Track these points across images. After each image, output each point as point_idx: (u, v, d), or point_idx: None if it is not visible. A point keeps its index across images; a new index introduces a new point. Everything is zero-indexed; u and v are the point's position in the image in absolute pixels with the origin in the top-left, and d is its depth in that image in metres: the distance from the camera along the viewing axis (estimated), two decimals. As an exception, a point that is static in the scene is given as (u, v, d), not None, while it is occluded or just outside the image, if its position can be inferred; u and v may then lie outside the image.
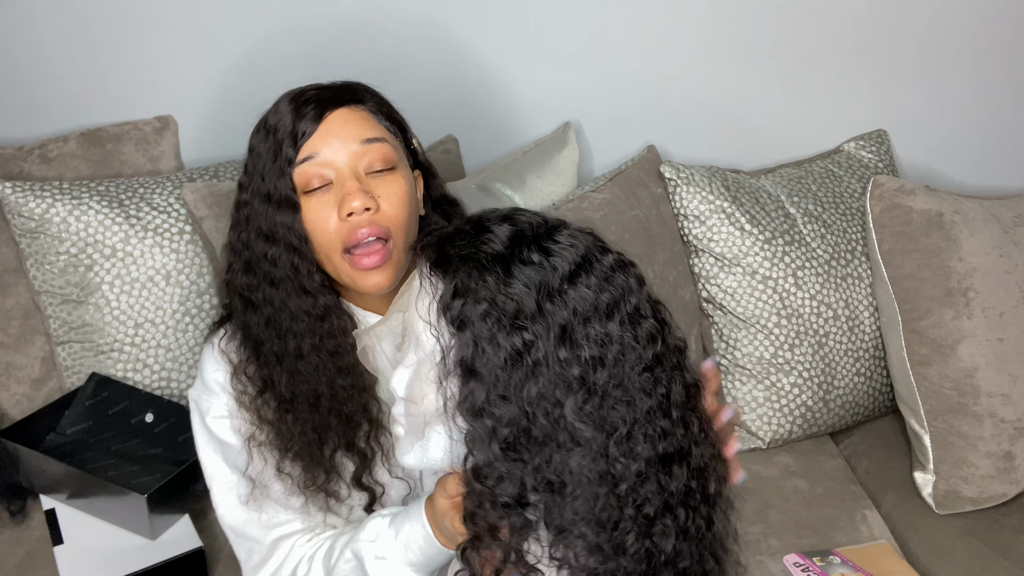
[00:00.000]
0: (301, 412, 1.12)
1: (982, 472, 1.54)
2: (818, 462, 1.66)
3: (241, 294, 1.14)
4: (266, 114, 1.14)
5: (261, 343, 1.13)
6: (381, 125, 1.13)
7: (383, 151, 1.10)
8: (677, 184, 1.69)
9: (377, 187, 1.10)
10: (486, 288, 0.84)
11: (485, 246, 0.86)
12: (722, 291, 1.67)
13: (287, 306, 1.11)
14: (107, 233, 1.50)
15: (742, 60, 1.83)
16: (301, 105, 1.10)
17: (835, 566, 1.39)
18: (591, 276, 0.85)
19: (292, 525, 1.17)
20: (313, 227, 1.09)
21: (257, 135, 1.14)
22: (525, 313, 0.83)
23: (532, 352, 0.83)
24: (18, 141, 1.65)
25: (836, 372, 1.67)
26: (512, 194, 1.68)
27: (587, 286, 0.85)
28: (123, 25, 1.63)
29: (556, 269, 0.85)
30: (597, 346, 0.84)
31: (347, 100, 1.11)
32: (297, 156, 1.08)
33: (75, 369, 1.52)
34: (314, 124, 1.09)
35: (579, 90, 1.82)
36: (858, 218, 1.74)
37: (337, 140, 1.09)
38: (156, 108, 1.70)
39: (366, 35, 1.69)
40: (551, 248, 0.86)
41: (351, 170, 1.09)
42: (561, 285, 0.84)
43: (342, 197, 1.08)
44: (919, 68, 1.89)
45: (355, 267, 1.10)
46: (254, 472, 1.14)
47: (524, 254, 0.85)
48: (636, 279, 0.89)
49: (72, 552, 1.34)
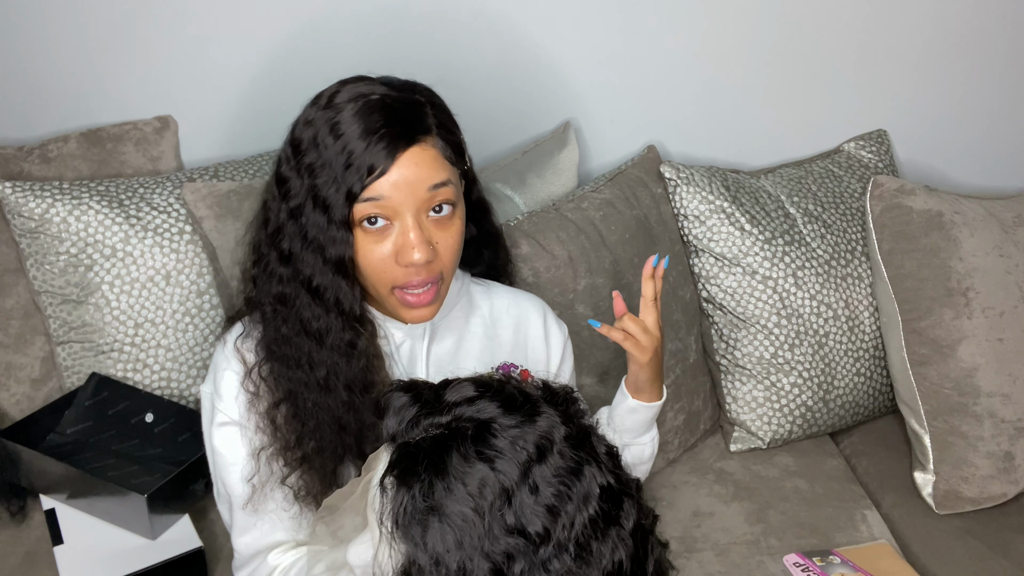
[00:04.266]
0: (324, 439, 1.12)
1: (982, 472, 1.54)
2: (818, 462, 1.67)
3: (272, 303, 1.12)
4: (323, 116, 1.07)
5: (287, 360, 1.12)
6: (447, 163, 1.08)
7: (447, 195, 1.07)
8: (677, 184, 1.69)
9: (435, 233, 1.08)
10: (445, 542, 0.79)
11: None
12: (722, 291, 1.67)
13: (323, 340, 1.10)
14: (107, 233, 1.50)
15: (742, 60, 1.83)
16: (370, 135, 1.04)
17: (835, 566, 1.39)
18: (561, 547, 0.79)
19: (274, 536, 1.17)
20: (367, 264, 1.08)
21: (308, 132, 1.07)
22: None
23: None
24: (18, 141, 1.65)
25: (836, 372, 1.67)
26: (512, 194, 1.68)
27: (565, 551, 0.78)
28: (123, 25, 1.63)
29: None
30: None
31: (418, 131, 1.06)
32: (363, 193, 1.04)
33: (75, 369, 1.52)
34: (386, 162, 1.03)
35: (579, 90, 1.82)
36: (858, 218, 1.74)
37: (407, 186, 1.04)
38: (156, 108, 1.70)
39: (364, 36, 1.69)
40: (522, 504, 0.79)
41: (415, 217, 1.06)
42: (529, 553, 0.78)
43: (402, 245, 1.06)
44: (919, 68, 1.89)
45: (403, 303, 1.09)
46: (258, 481, 1.14)
47: (499, 512, 0.78)
48: (616, 536, 0.81)
49: (72, 552, 1.33)
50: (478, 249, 1.29)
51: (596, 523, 0.80)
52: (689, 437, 1.67)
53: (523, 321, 1.28)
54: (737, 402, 1.67)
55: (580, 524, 0.80)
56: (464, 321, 1.23)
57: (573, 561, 0.79)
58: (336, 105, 1.07)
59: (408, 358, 1.19)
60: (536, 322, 1.28)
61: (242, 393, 1.15)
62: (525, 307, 1.29)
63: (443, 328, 1.22)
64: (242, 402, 1.15)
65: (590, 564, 0.80)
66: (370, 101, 1.06)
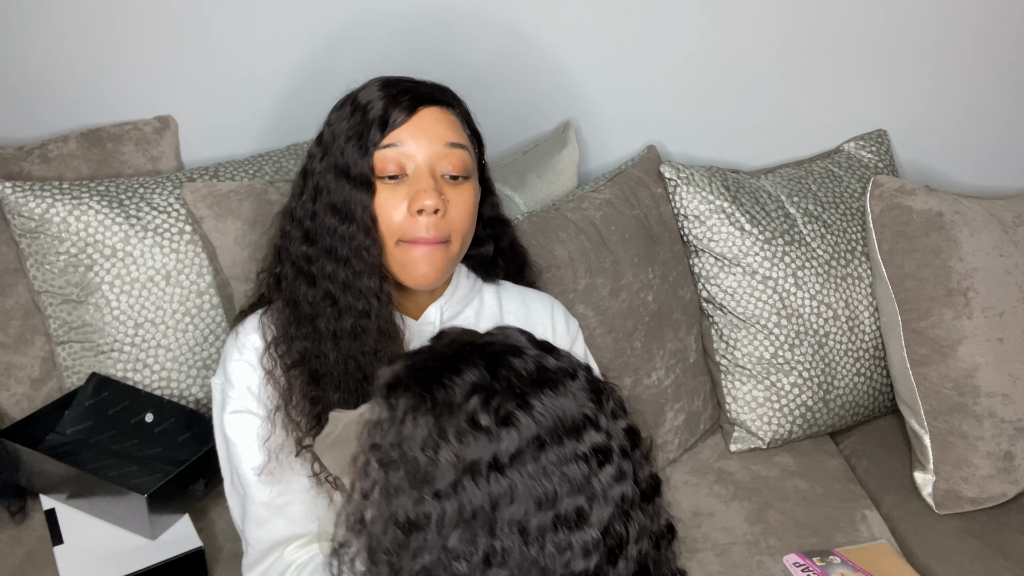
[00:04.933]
0: (349, 388, 1.11)
1: (982, 472, 1.54)
2: (818, 462, 1.67)
3: (296, 264, 1.15)
4: (354, 93, 1.15)
5: (313, 317, 1.13)
6: (464, 133, 1.15)
7: (462, 158, 1.13)
8: (677, 184, 1.69)
9: (449, 192, 1.12)
10: (413, 439, 0.75)
11: (440, 390, 0.76)
12: (722, 291, 1.67)
13: (352, 284, 1.12)
14: (107, 233, 1.50)
15: (742, 60, 1.83)
16: (397, 93, 1.12)
17: (835, 566, 1.39)
18: (538, 461, 0.73)
19: (287, 529, 1.16)
20: (380, 213, 1.11)
21: (341, 111, 1.15)
22: (435, 486, 0.74)
23: (422, 531, 0.73)
24: (18, 141, 1.65)
25: (836, 372, 1.67)
26: (512, 194, 1.68)
27: (525, 472, 0.73)
28: (123, 25, 1.63)
29: (500, 442, 0.73)
30: (499, 544, 0.73)
31: (440, 100, 1.14)
32: (383, 140, 1.10)
33: (75, 369, 1.52)
34: (406, 114, 1.11)
35: (579, 90, 1.82)
36: (858, 218, 1.74)
37: (424, 136, 1.11)
38: (156, 108, 1.70)
39: (364, 36, 1.69)
40: (513, 416, 0.74)
41: (429, 168, 1.11)
42: (493, 465, 0.73)
43: (415, 192, 1.10)
44: (919, 68, 1.89)
45: (407, 254, 1.11)
46: (273, 445, 1.12)
47: (476, 416, 0.74)
48: (614, 474, 0.76)
49: (72, 552, 1.33)
50: (495, 260, 1.30)
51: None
52: (689, 437, 1.67)
53: (530, 318, 1.29)
54: (737, 402, 1.67)
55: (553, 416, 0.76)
56: (475, 319, 1.25)
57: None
58: (364, 88, 1.15)
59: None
60: (543, 320, 1.29)
61: (258, 371, 1.14)
62: (532, 305, 1.30)
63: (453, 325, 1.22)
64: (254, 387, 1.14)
65: None
66: (393, 79, 1.15)
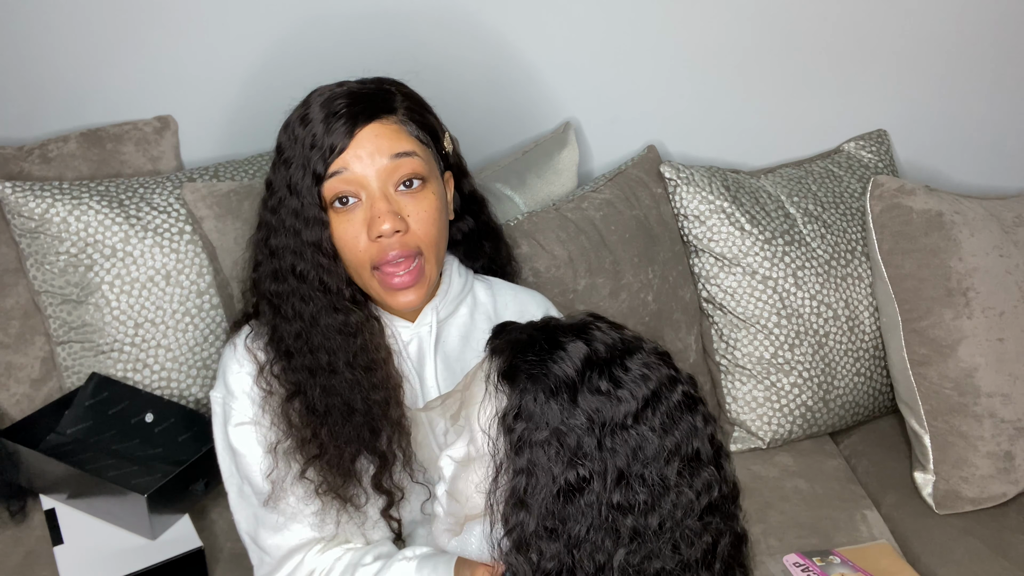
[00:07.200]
0: (335, 424, 1.11)
1: (982, 472, 1.54)
2: (818, 462, 1.66)
3: (270, 300, 1.14)
4: (296, 113, 1.13)
5: (292, 354, 1.12)
6: (412, 137, 1.12)
7: (413, 165, 1.10)
8: (677, 184, 1.69)
9: (407, 205, 1.10)
10: (551, 416, 0.83)
11: (556, 366, 0.84)
12: (722, 291, 1.67)
13: (318, 322, 1.11)
14: (107, 233, 1.50)
15: (742, 60, 1.83)
16: (331, 117, 1.09)
17: (835, 566, 1.39)
18: (656, 416, 0.84)
19: (304, 534, 1.16)
20: (342, 244, 1.10)
21: (286, 134, 1.13)
22: (584, 450, 0.82)
23: (586, 492, 0.81)
24: (18, 141, 1.65)
25: (836, 372, 1.67)
26: (512, 194, 1.68)
27: (651, 427, 0.83)
28: (123, 25, 1.63)
29: (622, 403, 0.83)
30: (651, 492, 0.82)
31: (378, 111, 1.10)
32: (328, 170, 1.08)
33: (75, 369, 1.52)
34: (345, 139, 1.08)
35: (579, 90, 1.82)
36: (858, 218, 1.74)
37: (367, 156, 1.08)
38: (156, 108, 1.70)
39: (365, 36, 1.69)
40: (621, 378, 0.84)
41: (380, 188, 1.09)
42: (624, 422, 0.83)
43: (371, 218, 1.08)
44: (919, 68, 1.89)
45: (385, 286, 1.10)
46: (276, 477, 1.13)
47: (593, 382, 0.83)
48: (703, 418, 0.87)
49: (72, 552, 1.33)
50: (478, 242, 1.30)
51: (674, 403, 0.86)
52: (689, 437, 1.67)
53: (524, 316, 1.28)
54: (737, 402, 1.67)
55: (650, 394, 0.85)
56: (469, 318, 1.24)
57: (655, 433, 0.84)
58: (308, 102, 1.12)
59: (416, 356, 1.20)
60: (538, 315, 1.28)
61: (256, 390, 1.15)
62: (527, 303, 1.30)
63: (449, 325, 1.22)
64: (256, 399, 1.15)
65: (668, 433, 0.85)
66: (335, 92, 1.12)
